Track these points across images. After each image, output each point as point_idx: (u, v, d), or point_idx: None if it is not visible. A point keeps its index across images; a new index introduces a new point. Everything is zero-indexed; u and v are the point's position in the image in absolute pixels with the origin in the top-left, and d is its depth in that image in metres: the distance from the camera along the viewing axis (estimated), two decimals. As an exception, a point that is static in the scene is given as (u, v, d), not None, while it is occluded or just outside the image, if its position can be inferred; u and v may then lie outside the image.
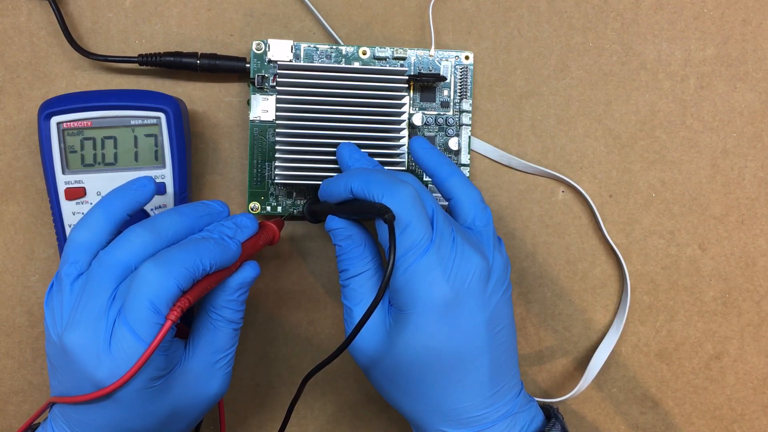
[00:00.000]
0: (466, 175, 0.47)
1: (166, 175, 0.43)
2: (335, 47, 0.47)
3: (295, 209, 0.47)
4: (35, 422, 0.39)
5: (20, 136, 0.46)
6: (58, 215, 0.43)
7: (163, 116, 0.42)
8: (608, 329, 0.50)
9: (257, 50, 0.46)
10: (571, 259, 0.50)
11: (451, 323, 0.36)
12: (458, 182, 0.40)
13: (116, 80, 0.47)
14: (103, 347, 0.33)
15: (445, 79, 0.47)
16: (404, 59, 0.47)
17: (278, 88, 0.44)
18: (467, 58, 0.48)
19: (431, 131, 0.48)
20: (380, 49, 0.47)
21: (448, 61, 0.48)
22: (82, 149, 0.42)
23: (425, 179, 0.48)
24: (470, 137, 0.48)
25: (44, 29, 0.46)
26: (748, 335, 0.50)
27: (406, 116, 0.46)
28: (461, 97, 0.48)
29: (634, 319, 0.50)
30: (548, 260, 0.49)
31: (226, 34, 0.47)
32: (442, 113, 0.48)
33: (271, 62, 0.46)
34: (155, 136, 0.43)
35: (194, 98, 0.47)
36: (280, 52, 0.46)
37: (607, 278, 0.50)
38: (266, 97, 0.46)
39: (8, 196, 0.46)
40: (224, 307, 0.38)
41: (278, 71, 0.44)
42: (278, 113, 0.44)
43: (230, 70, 0.46)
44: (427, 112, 0.48)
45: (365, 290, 0.38)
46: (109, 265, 0.35)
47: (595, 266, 0.50)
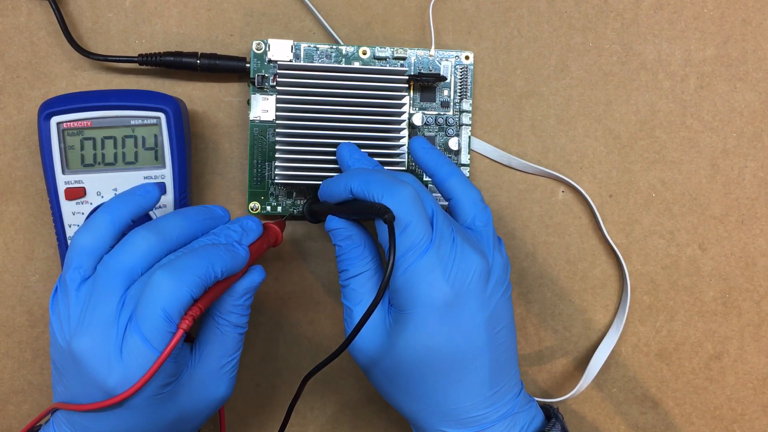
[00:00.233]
0: (466, 175, 0.47)
1: (166, 175, 0.43)
2: (335, 47, 0.47)
3: (295, 209, 0.47)
4: (37, 425, 0.39)
5: (20, 136, 0.46)
6: (58, 215, 0.43)
7: (163, 116, 0.42)
8: (608, 329, 0.50)
9: (257, 50, 0.46)
10: (571, 259, 0.50)
11: (451, 323, 0.36)
12: (458, 182, 0.40)
13: (116, 80, 0.47)
14: (114, 354, 0.33)
15: (445, 79, 0.47)
16: (404, 59, 0.47)
17: (278, 87, 0.44)
18: (467, 58, 0.48)
19: (431, 131, 0.48)
20: (380, 49, 0.47)
21: (448, 61, 0.48)
22: (82, 149, 0.42)
23: (425, 179, 0.48)
24: (470, 137, 0.48)
25: (44, 29, 0.46)
26: (748, 335, 0.50)
27: (406, 116, 0.46)
28: (461, 97, 0.48)
29: (634, 319, 0.50)
30: (548, 260, 0.49)
31: (226, 34, 0.47)
32: (442, 113, 0.48)
33: (271, 62, 0.46)
34: (155, 136, 0.43)
35: (194, 98, 0.47)
36: (280, 51, 0.46)
37: (607, 278, 0.50)
38: (266, 96, 0.46)
39: (8, 196, 0.46)
40: (231, 312, 0.38)
41: (278, 71, 0.44)
42: (278, 113, 0.44)
43: (230, 69, 0.46)
44: (427, 112, 0.48)
45: (365, 290, 0.38)
46: (115, 269, 0.34)
47: (595, 266, 0.50)
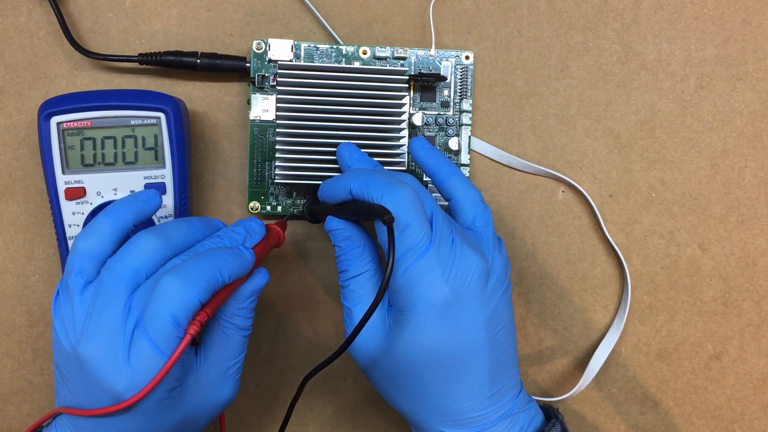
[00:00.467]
0: (466, 175, 0.47)
1: (166, 175, 0.43)
2: (336, 47, 0.47)
3: (294, 209, 0.47)
4: (39, 427, 0.38)
5: (20, 136, 0.46)
6: (58, 215, 0.43)
7: (163, 116, 0.42)
8: (608, 329, 0.50)
9: (257, 50, 0.46)
10: (571, 259, 0.50)
11: (450, 324, 0.36)
12: (458, 182, 0.40)
13: (116, 80, 0.47)
14: (122, 359, 0.33)
15: (445, 79, 0.47)
16: (404, 59, 0.47)
17: (278, 87, 0.44)
18: (467, 58, 0.48)
19: (431, 131, 0.48)
20: (380, 48, 0.47)
21: (448, 61, 0.48)
22: (82, 149, 0.42)
23: (425, 179, 0.48)
24: (470, 137, 0.48)
25: (44, 29, 0.46)
26: (748, 335, 0.50)
27: (406, 116, 0.46)
28: (461, 97, 0.48)
29: (634, 319, 0.50)
30: (548, 260, 0.49)
31: (226, 34, 0.47)
32: (442, 113, 0.48)
33: (271, 62, 0.46)
34: (155, 136, 0.43)
35: (194, 98, 0.47)
36: (280, 51, 0.46)
37: (607, 278, 0.50)
38: (266, 96, 0.46)
39: (8, 196, 0.46)
40: (235, 315, 0.38)
41: (278, 71, 0.44)
42: (278, 113, 0.44)
43: (230, 69, 0.46)
44: (427, 112, 0.48)
45: (365, 291, 0.38)
46: (120, 274, 0.34)
47: (595, 266, 0.50)
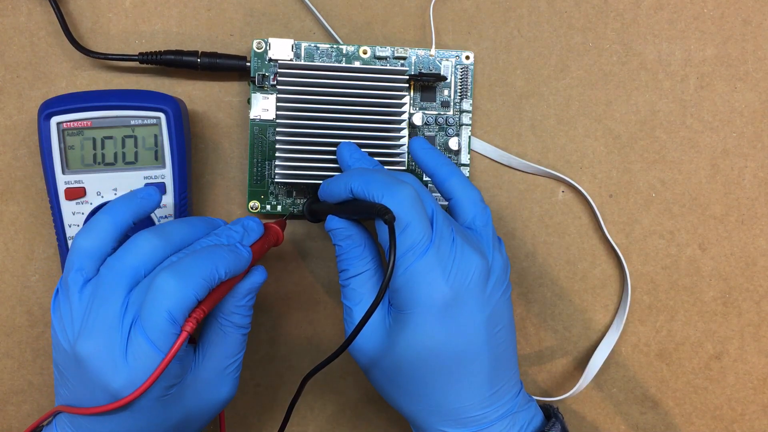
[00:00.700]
0: (466, 175, 0.47)
1: (166, 175, 0.43)
2: (336, 46, 0.47)
3: (294, 208, 0.47)
4: (39, 426, 0.38)
5: (20, 136, 0.46)
6: (58, 215, 0.43)
7: (163, 116, 0.42)
8: (608, 329, 0.50)
9: (258, 49, 0.46)
10: (571, 259, 0.50)
11: (450, 323, 0.36)
12: (458, 182, 0.40)
13: (116, 80, 0.47)
14: (119, 357, 0.33)
15: (445, 78, 0.47)
16: (405, 59, 0.47)
17: (279, 87, 0.44)
18: (467, 58, 0.48)
19: (431, 131, 0.48)
20: (381, 48, 0.47)
21: (448, 60, 0.48)
22: (82, 149, 0.42)
23: (425, 179, 0.48)
24: (470, 137, 0.48)
25: (44, 29, 0.46)
26: (748, 335, 0.50)
27: (406, 116, 0.46)
28: (461, 96, 0.48)
29: (634, 319, 0.50)
30: (548, 260, 0.49)
31: (226, 34, 0.47)
32: (442, 113, 0.48)
33: (271, 61, 0.46)
34: (155, 136, 0.43)
35: (194, 98, 0.47)
36: (280, 50, 0.46)
37: (607, 278, 0.50)
38: (266, 95, 0.46)
39: (8, 196, 0.46)
40: (233, 313, 0.38)
41: (279, 70, 0.44)
42: (278, 112, 0.44)
43: (231, 68, 0.46)
44: (427, 111, 0.48)
45: (365, 290, 0.38)
46: (119, 271, 0.34)
47: (595, 266, 0.50)
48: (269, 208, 0.47)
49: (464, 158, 0.48)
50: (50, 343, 0.47)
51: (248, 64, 0.46)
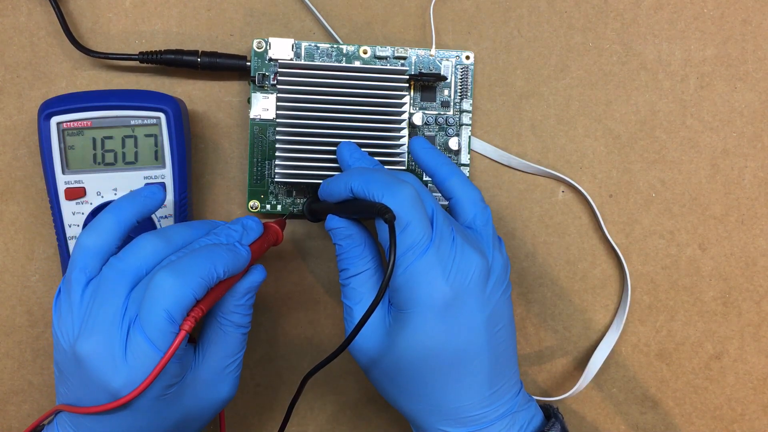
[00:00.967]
0: (466, 175, 0.47)
1: (166, 175, 0.43)
2: (336, 46, 0.47)
3: (294, 208, 0.47)
4: (39, 425, 0.38)
5: (20, 136, 0.46)
6: (58, 215, 0.43)
7: (163, 116, 0.42)
8: (608, 329, 0.50)
9: (258, 48, 0.46)
10: (571, 259, 0.50)
11: (450, 323, 0.36)
12: (458, 182, 0.40)
13: (116, 80, 0.47)
14: (118, 356, 0.33)
15: (445, 78, 0.47)
16: (405, 59, 0.47)
17: (279, 86, 0.44)
18: (467, 57, 0.48)
19: (431, 131, 0.48)
20: (381, 48, 0.47)
21: (448, 60, 0.48)
22: (82, 149, 0.42)
23: (425, 179, 0.48)
24: (470, 137, 0.48)
25: (44, 29, 0.46)
26: (748, 335, 0.50)
27: (406, 116, 0.46)
28: (461, 96, 0.48)
29: (634, 319, 0.50)
30: (548, 260, 0.49)
31: (226, 34, 0.47)
32: (442, 113, 0.48)
33: (271, 60, 0.46)
34: (155, 136, 0.43)
35: (194, 98, 0.47)
36: (280, 50, 0.46)
37: (607, 278, 0.50)
38: (267, 95, 0.46)
39: (8, 196, 0.46)
40: (233, 312, 0.38)
41: (279, 69, 0.44)
42: (278, 112, 0.44)
43: (231, 68, 0.46)
44: (427, 111, 0.48)
45: (365, 289, 0.38)
46: (121, 271, 0.34)
47: (595, 266, 0.50)
48: (269, 207, 0.47)
49: (464, 158, 0.48)
50: (50, 343, 0.47)
51: (248, 63, 0.46)
